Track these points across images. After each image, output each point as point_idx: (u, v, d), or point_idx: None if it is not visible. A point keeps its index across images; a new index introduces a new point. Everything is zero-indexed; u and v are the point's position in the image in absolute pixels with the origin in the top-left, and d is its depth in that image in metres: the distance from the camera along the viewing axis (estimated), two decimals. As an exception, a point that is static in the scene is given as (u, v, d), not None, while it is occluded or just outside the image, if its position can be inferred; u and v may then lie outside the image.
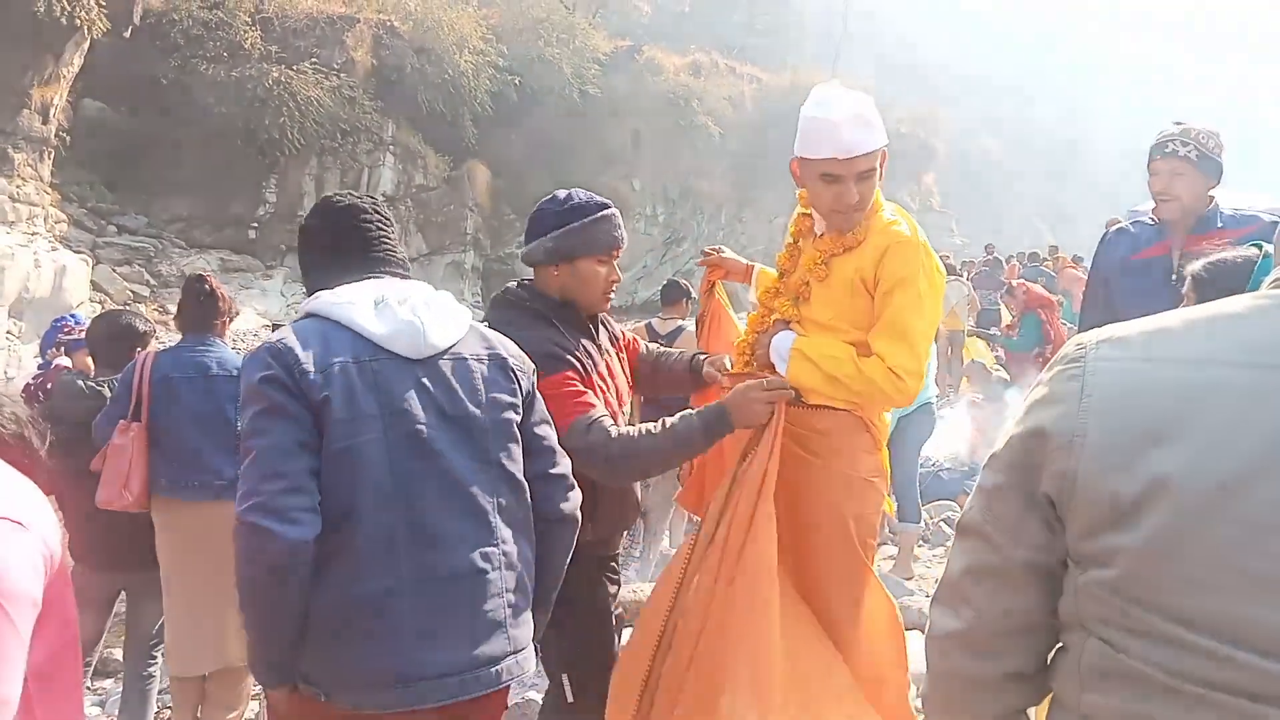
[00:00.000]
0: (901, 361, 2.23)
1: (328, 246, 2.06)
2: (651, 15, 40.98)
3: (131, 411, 3.34)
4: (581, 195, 2.43)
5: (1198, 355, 0.91)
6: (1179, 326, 0.96)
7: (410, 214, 24.15)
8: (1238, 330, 0.92)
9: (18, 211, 14.93)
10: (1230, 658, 0.84)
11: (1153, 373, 0.93)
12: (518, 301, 2.45)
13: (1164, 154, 3.08)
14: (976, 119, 62.59)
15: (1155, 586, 0.88)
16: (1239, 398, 0.87)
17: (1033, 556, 1.01)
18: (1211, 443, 0.86)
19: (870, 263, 2.30)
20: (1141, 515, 0.88)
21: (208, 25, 20.85)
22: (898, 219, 2.38)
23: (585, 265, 2.41)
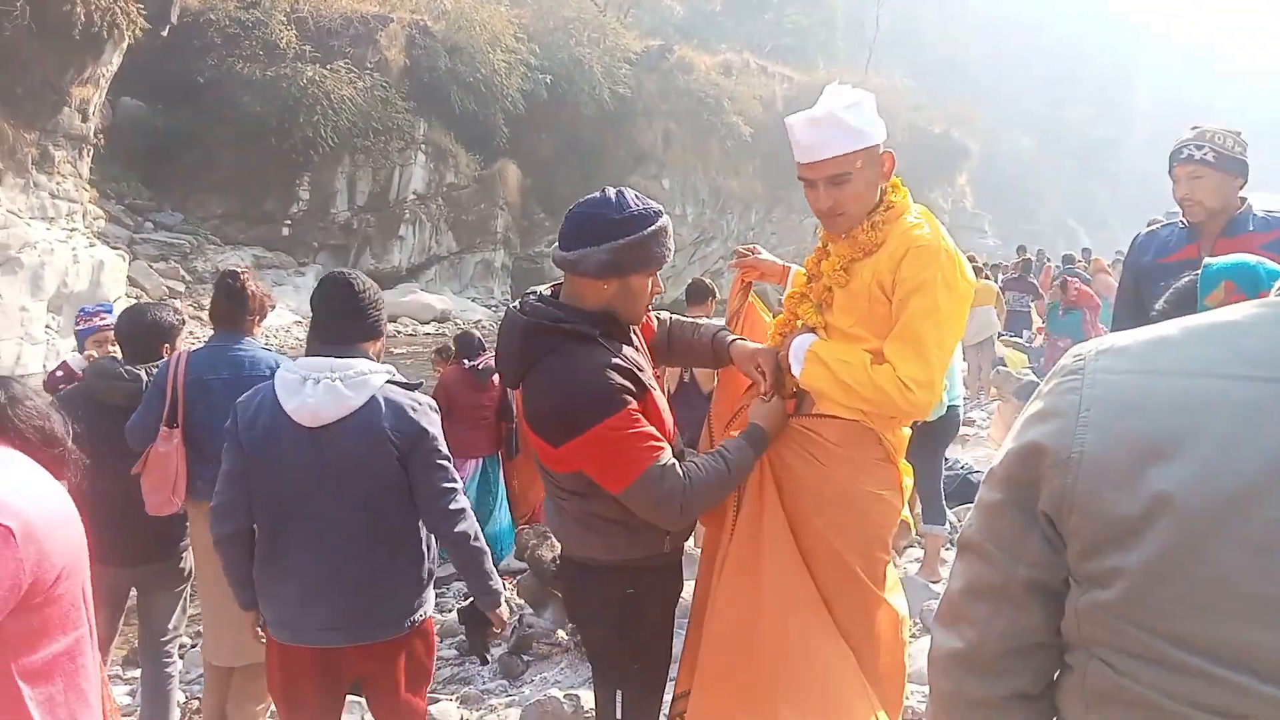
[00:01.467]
0: (912, 371, 2.13)
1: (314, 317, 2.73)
2: (683, 15, 40.98)
3: (167, 415, 3.34)
4: (635, 202, 2.17)
5: (1197, 367, 0.88)
6: (1179, 336, 0.92)
7: (441, 212, 24.34)
8: (1238, 341, 0.89)
9: (57, 208, 15.22)
10: (1231, 682, 0.82)
11: (1152, 385, 0.90)
12: (554, 326, 2.16)
13: (1180, 160, 3.05)
14: (1010, 118, 61.96)
15: (1156, 608, 0.85)
16: (1240, 412, 0.84)
17: (1034, 575, 0.98)
18: (1213, 459, 0.83)
19: (888, 268, 2.19)
20: (1142, 535, 0.85)
21: (244, 25, 21.14)
22: (920, 222, 2.26)
23: (638, 280, 2.20)
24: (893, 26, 51.95)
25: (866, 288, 2.24)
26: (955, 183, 44.50)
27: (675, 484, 2.09)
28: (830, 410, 2.29)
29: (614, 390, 2.09)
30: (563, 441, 2.10)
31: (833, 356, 2.25)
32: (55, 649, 1.34)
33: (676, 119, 30.17)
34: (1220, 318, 0.93)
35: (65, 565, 1.34)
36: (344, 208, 22.54)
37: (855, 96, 2.24)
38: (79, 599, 1.40)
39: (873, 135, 2.22)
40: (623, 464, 2.08)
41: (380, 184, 23.10)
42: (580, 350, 2.13)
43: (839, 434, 2.28)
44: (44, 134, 14.86)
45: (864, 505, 2.29)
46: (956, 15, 69.63)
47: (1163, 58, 76.67)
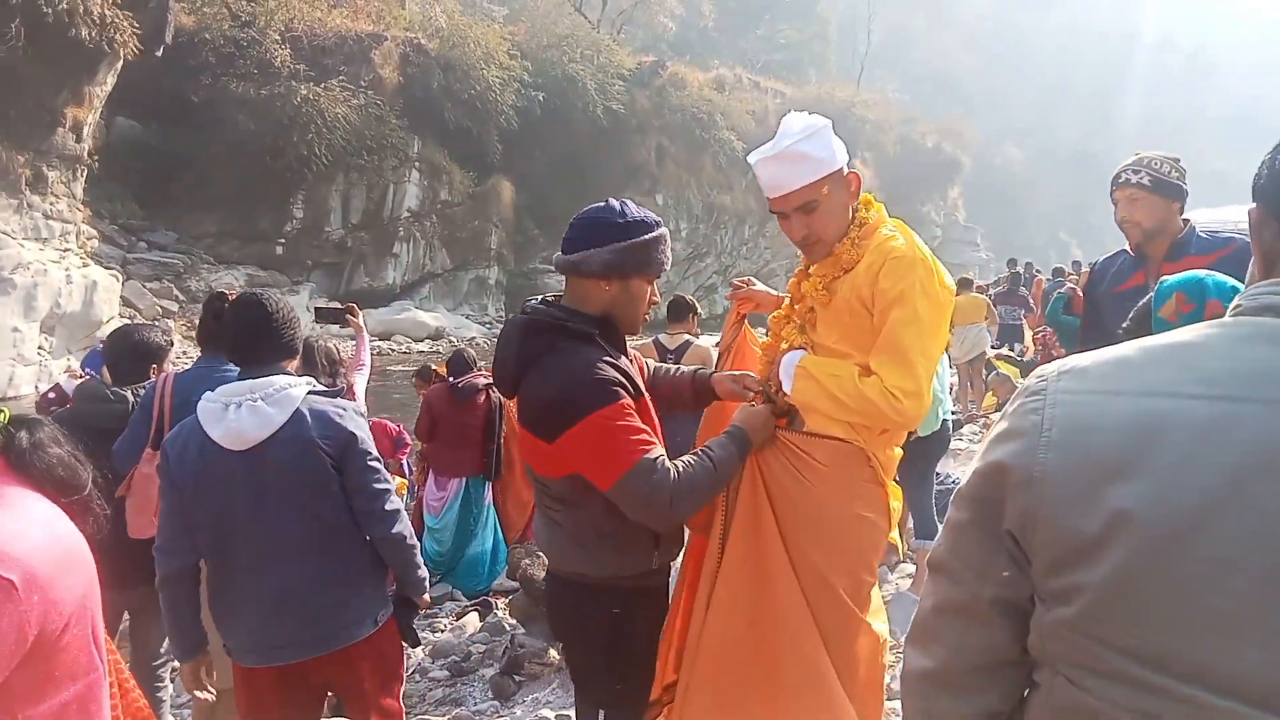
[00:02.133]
0: (898, 381, 2.16)
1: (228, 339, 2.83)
2: (676, 31, 41.22)
3: (153, 438, 3.32)
4: (636, 209, 2.26)
5: (1155, 387, 0.90)
6: (1137, 357, 0.94)
7: (435, 230, 24.39)
8: (1195, 361, 0.91)
9: (50, 229, 15.23)
10: (1190, 698, 0.83)
11: (1111, 406, 0.91)
12: (556, 324, 2.21)
13: (1119, 184, 3.19)
14: (1003, 132, 62.33)
15: (1116, 625, 0.87)
16: (1197, 431, 0.86)
17: (1000, 593, 0.99)
18: (1169, 478, 0.85)
19: (866, 281, 2.23)
20: (1103, 552, 0.87)
21: (238, 44, 21.23)
22: (895, 234, 2.29)
23: (638, 284, 2.26)
24: (884, 41, 52.31)
25: (847, 303, 2.27)
26: (948, 196, 44.73)
27: (665, 478, 2.10)
28: (820, 428, 2.30)
29: (609, 382, 2.12)
30: (558, 434, 2.12)
31: (822, 370, 2.28)
32: (64, 697, 1.30)
33: (670, 135, 30.31)
34: (1176, 338, 0.95)
35: (74, 612, 1.30)
36: (338, 226, 22.58)
37: (812, 124, 2.27)
38: (88, 642, 1.35)
39: (834, 160, 2.25)
40: (615, 455, 2.09)
41: (374, 202, 23.15)
42: (578, 348, 2.17)
43: (829, 455, 2.29)
44: (37, 155, 14.88)
45: (851, 528, 2.29)
46: (948, 30, 70.14)
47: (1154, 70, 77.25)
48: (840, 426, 2.27)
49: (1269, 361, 0.87)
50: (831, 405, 2.24)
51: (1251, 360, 0.88)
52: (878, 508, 2.33)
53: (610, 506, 2.16)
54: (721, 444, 2.27)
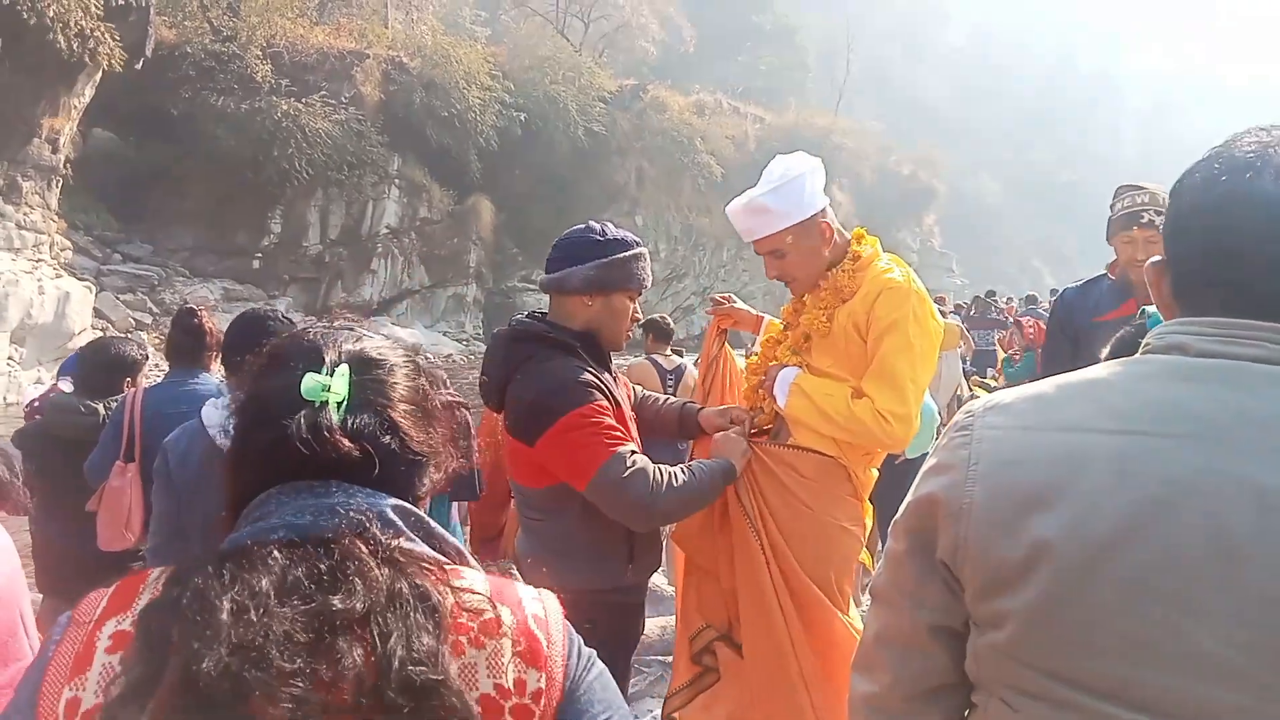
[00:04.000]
0: (889, 405, 2.25)
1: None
2: (657, 55, 41.49)
3: (124, 451, 3.30)
4: (615, 230, 2.37)
5: (1071, 422, 0.95)
6: (1055, 394, 1.00)
7: (414, 247, 24.31)
8: (1106, 397, 0.96)
9: (23, 239, 15.05)
10: (1110, 716, 0.87)
11: (1031, 440, 0.96)
12: (539, 335, 2.31)
13: (1141, 224, 3.14)
14: (978, 161, 63.17)
15: (1040, 648, 0.91)
16: (1109, 463, 0.90)
17: (936, 620, 1.03)
18: (1085, 508, 0.90)
19: (862, 309, 2.35)
20: (1025, 579, 0.91)
21: (219, 58, 21.14)
22: (891, 267, 2.42)
23: (619, 299, 2.35)
24: (863, 70, 52.94)
25: (843, 329, 2.37)
26: (923, 222, 45.19)
27: (641, 472, 2.14)
28: (806, 443, 2.39)
29: (586, 385, 2.20)
30: (537, 435, 2.18)
31: (816, 389, 2.37)
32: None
33: (650, 157, 30.47)
34: (1089, 375, 1.00)
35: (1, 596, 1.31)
36: (315, 241, 22.46)
37: (785, 174, 2.39)
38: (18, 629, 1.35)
39: (799, 211, 2.38)
40: (589, 452, 2.14)
41: (353, 218, 23.06)
42: (559, 357, 2.25)
43: (813, 469, 2.38)
44: (12, 164, 14.72)
45: (834, 537, 2.39)
46: (926, 60, 71.14)
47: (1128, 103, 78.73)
48: (826, 443, 2.36)
49: (1175, 397, 0.92)
50: (822, 422, 2.33)
51: (1158, 396, 0.93)
52: (856, 519, 2.44)
53: (587, 516, 2.21)
54: (705, 465, 2.33)
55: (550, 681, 0.91)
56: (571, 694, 0.93)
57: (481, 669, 0.87)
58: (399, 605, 0.85)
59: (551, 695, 0.90)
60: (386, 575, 0.87)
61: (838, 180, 37.88)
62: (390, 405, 0.97)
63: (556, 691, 0.91)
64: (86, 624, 0.87)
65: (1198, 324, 0.96)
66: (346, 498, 0.92)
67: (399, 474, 0.97)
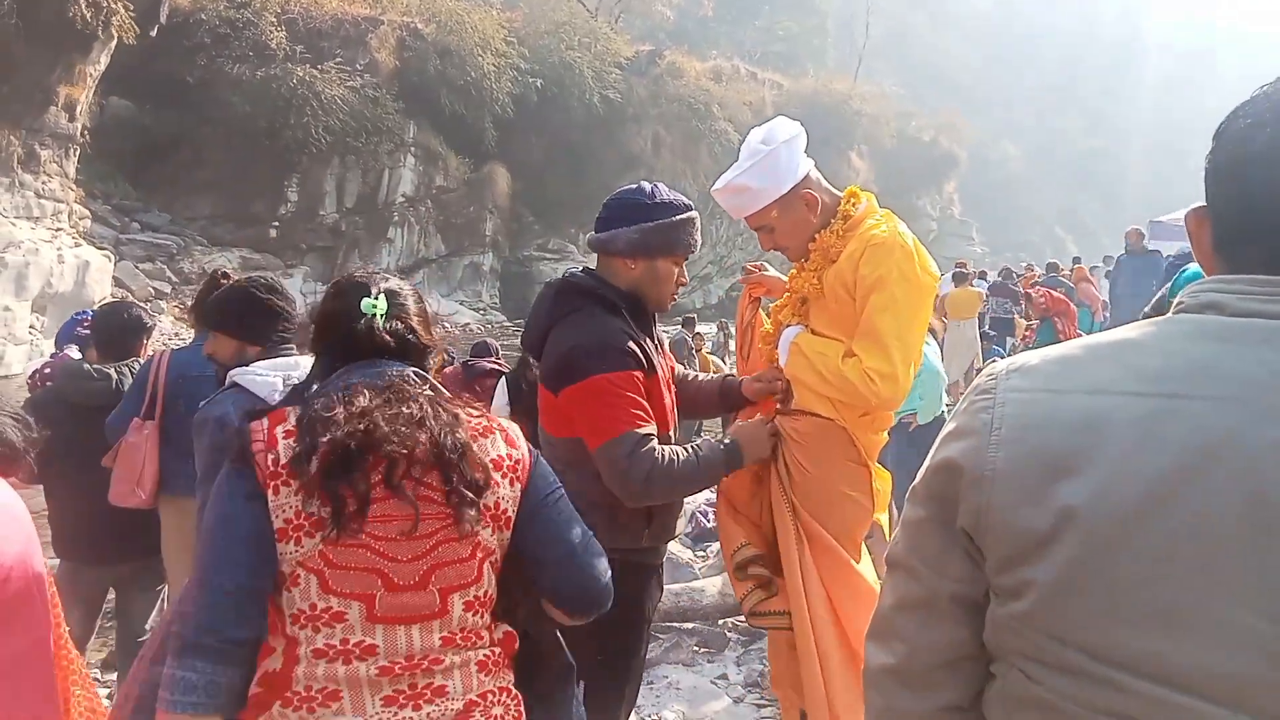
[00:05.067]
0: (875, 364, 2.25)
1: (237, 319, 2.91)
2: (674, 20, 41.08)
3: (145, 409, 3.33)
4: (667, 192, 2.37)
5: (1098, 384, 0.92)
6: (1082, 355, 0.96)
7: (430, 215, 24.32)
8: (1136, 358, 0.92)
9: (42, 208, 15.14)
10: (1136, 690, 0.85)
11: (1057, 403, 0.93)
12: (587, 289, 2.32)
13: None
14: (1000, 128, 62.35)
15: (1065, 619, 0.89)
16: (1136, 427, 0.87)
17: (957, 589, 1.01)
18: (1113, 474, 0.87)
19: (849, 268, 2.34)
20: (1051, 548, 0.89)
21: (234, 25, 21.08)
22: (879, 223, 2.40)
23: (664, 264, 2.35)
24: (883, 34, 52.22)
25: (834, 292, 2.38)
26: (943, 190, 44.75)
27: (647, 457, 2.16)
28: (806, 405, 2.40)
29: (624, 351, 2.21)
30: (562, 387, 2.22)
31: (811, 347, 2.39)
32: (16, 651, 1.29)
33: (666, 124, 30.25)
34: (1118, 336, 0.96)
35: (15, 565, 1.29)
36: (332, 210, 22.49)
37: (760, 150, 2.39)
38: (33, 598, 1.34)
39: (779, 187, 2.39)
40: (608, 418, 2.17)
41: (369, 186, 23.06)
42: (602, 314, 2.27)
43: (812, 430, 2.39)
44: (30, 133, 14.78)
45: (835, 504, 2.38)
46: (948, 24, 70.07)
47: (1155, 68, 77.29)
48: (824, 404, 2.38)
49: (1208, 358, 0.88)
50: (817, 381, 2.35)
51: (1190, 357, 0.89)
52: (861, 487, 2.42)
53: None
54: (712, 447, 2.33)
55: (521, 458, 1.64)
56: (535, 467, 1.66)
57: (488, 447, 1.60)
58: (438, 413, 1.55)
59: (525, 464, 1.65)
60: (427, 400, 1.56)
61: (856, 147, 37.52)
62: (409, 316, 1.65)
63: (528, 462, 1.65)
64: (263, 428, 1.53)
65: (1236, 281, 0.91)
66: (389, 367, 1.59)
67: (416, 356, 1.66)
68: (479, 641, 1.57)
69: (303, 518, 1.45)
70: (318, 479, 1.44)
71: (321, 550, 1.46)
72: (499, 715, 1.57)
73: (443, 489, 1.50)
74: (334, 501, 1.44)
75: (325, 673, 1.46)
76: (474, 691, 1.55)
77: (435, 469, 1.50)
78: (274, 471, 1.47)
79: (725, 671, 4.13)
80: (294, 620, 1.47)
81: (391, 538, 1.47)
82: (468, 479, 1.51)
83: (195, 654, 1.43)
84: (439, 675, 1.52)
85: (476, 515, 1.51)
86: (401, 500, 1.47)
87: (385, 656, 1.48)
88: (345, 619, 1.46)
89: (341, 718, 1.46)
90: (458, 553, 1.52)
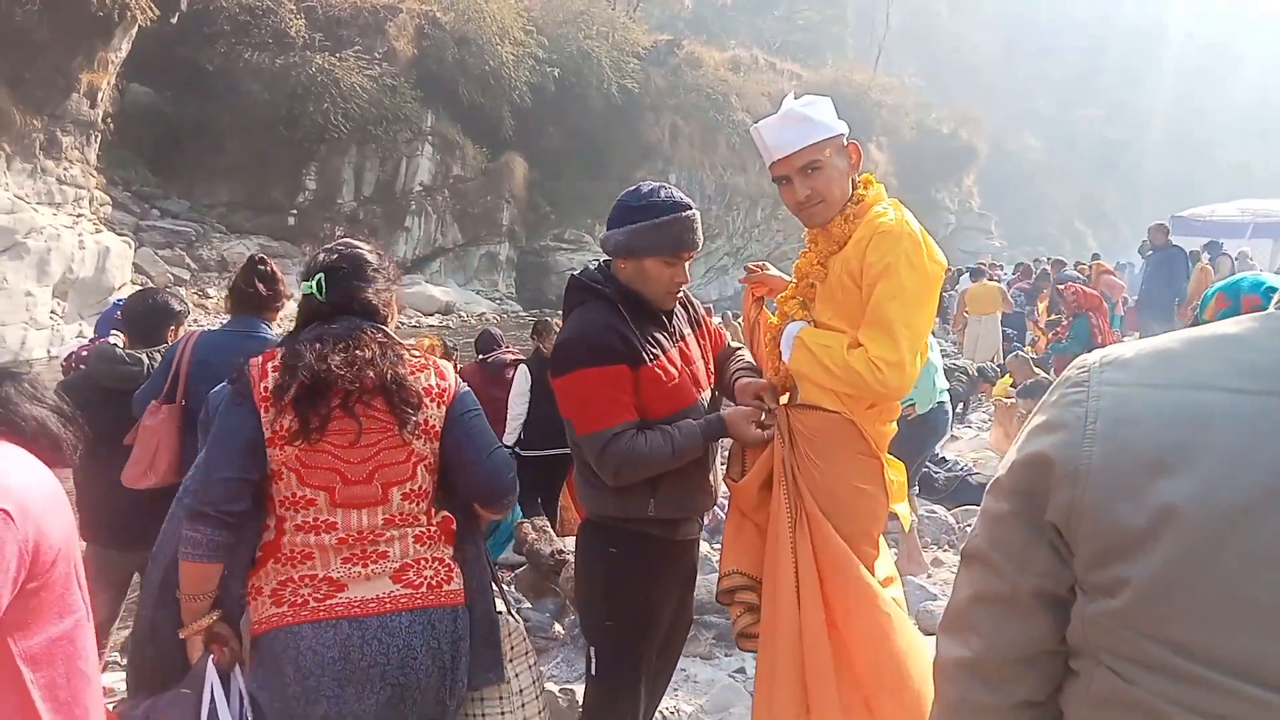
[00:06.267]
0: (881, 352, 2.23)
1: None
2: (693, 10, 40.91)
3: (166, 392, 3.34)
4: (660, 193, 2.40)
5: (1200, 380, 0.90)
6: (1181, 349, 0.94)
7: (447, 204, 24.35)
8: (1238, 354, 0.90)
9: (64, 194, 15.26)
10: (1236, 691, 0.82)
11: (1156, 398, 0.91)
12: (591, 283, 2.47)
13: None
14: (1020, 119, 61.82)
15: (1162, 618, 0.87)
16: (1243, 425, 0.85)
17: (1041, 584, 0.99)
18: (1217, 472, 0.85)
19: (855, 256, 2.32)
20: (1150, 546, 0.87)
21: (253, 12, 21.14)
22: (886, 210, 2.38)
23: (651, 264, 2.39)
24: (903, 25, 51.83)
25: (839, 279, 2.37)
26: (962, 183, 44.44)
27: (616, 453, 2.31)
28: (813, 399, 2.39)
29: (608, 347, 2.33)
30: (557, 375, 2.39)
31: (815, 341, 2.38)
32: (54, 632, 1.36)
33: (684, 114, 30.15)
34: (1220, 330, 0.94)
35: (60, 548, 1.36)
36: (350, 198, 22.56)
37: (811, 98, 2.42)
38: (73, 582, 1.41)
39: (835, 127, 2.38)
40: (585, 414, 2.35)
41: (387, 175, 23.11)
42: (600, 308, 2.41)
43: (820, 425, 2.37)
44: (52, 119, 14.89)
45: (848, 499, 2.36)
46: (968, 15, 69.47)
47: (1177, 59, 76.41)
48: (830, 397, 2.36)
49: None
50: (823, 375, 2.34)
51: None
52: (874, 479, 2.40)
53: None
54: (690, 425, 2.40)
55: (449, 386, 2.14)
56: (457, 395, 2.15)
57: (421, 379, 2.09)
58: (386, 354, 2.06)
59: (450, 392, 2.14)
60: (377, 344, 2.06)
61: (875, 139, 37.28)
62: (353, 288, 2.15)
63: (453, 391, 2.15)
64: (259, 364, 2.04)
65: None
66: (349, 322, 2.10)
67: (368, 314, 2.14)
68: (416, 522, 2.10)
69: (283, 430, 1.98)
70: (290, 404, 1.97)
71: (296, 454, 2.00)
72: (429, 575, 2.10)
73: (387, 410, 2.02)
74: (301, 420, 1.97)
75: (302, 541, 2.03)
76: (409, 556, 2.09)
77: (380, 395, 2.01)
78: (264, 396, 2.00)
79: (743, 665, 4.13)
80: (281, 504, 2.04)
81: (345, 446, 2.00)
82: (405, 401, 2.02)
83: (200, 520, 1.99)
84: (382, 544, 2.07)
85: (412, 428, 2.03)
86: (352, 419, 2.00)
87: (342, 530, 2.03)
88: (315, 504, 2.02)
89: (313, 571, 2.03)
90: (395, 457, 2.04)
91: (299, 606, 2.01)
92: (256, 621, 2.05)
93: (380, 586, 2.05)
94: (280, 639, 2.00)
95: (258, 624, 2.04)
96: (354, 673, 1.99)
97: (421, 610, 2.07)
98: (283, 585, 2.03)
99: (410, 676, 2.03)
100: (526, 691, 2.33)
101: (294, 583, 2.02)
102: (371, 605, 2.03)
